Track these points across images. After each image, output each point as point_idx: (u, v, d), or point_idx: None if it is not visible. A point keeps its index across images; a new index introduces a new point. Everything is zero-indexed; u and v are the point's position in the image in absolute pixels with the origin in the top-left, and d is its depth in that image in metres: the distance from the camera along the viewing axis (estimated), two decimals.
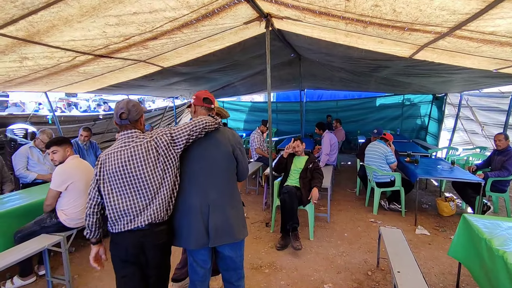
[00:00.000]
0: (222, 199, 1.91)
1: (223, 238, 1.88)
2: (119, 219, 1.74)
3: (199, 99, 2.05)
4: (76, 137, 4.58)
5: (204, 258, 1.94)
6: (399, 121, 9.60)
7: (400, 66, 4.48)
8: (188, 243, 1.85)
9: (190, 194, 1.86)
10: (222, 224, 1.87)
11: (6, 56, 2.76)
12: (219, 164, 1.93)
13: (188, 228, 1.84)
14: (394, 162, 4.58)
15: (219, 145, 1.94)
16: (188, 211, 1.85)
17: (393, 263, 2.27)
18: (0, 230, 2.72)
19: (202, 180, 1.88)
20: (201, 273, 1.96)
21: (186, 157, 1.88)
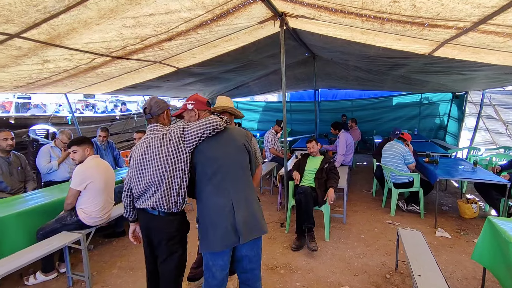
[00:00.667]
0: (243, 194, 1.90)
1: (253, 232, 1.86)
2: (137, 198, 2.04)
3: (201, 103, 2.02)
4: (95, 137, 4.69)
5: (224, 262, 1.89)
6: (417, 121, 9.34)
7: (419, 63, 4.36)
8: (215, 245, 1.81)
9: (212, 194, 1.85)
10: (249, 218, 1.86)
11: (29, 59, 2.86)
12: (234, 160, 1.93)
13: (214, 229, 1.81)
14: (413, 163, 4.46)
15: (231, 141, 1.96)
16: (212, 212, 1.83)
17: (413, 266, 2.20)
18: (24, 227, 2.82)
19: (221, 179, 1.87)
20: (220, 278, 1.91)
21: (202, 159, 1.88)
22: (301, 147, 6.74)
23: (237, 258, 1.97)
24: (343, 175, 4.32)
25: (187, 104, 2.01)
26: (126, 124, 7.46)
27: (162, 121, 2.03)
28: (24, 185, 3.68)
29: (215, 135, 1.92)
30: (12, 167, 3.53)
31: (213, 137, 1.91)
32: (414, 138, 7.35)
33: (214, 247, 1.82)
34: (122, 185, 3.98)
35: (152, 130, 1.98)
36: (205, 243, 1.85)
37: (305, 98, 10.86)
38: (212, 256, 1.87)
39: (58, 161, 3.96)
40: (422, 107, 9.23)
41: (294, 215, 3.98)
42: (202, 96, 2.07)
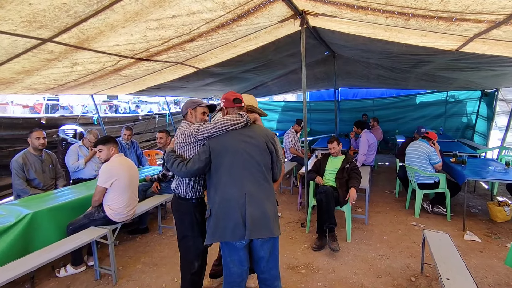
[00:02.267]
0: (258, 191, 1.92)
1: (261, 231, 1.85)
2: None
3: (229, 101, 2.11)
4: (119, 137, 4.85)
5: (240, 258, 1.90)
6: (442, 120, 8.99)
7: (445, 60, 4.19)
8: (224, 235, 1.84)
9: (227, 185, 1.90)
10: (259, 216, 1.86)
11: (60, 62, 3.00)
12: (254, 157, 1.95)
13: (225, 219, 1.85)
14: (439, 162, 4.29)
15: (253, 139, 1.99)
16: (226, 202, 1.87)
17: (441, 270, 2.12)
18: (55, 222, 2.96)
19: (238, 171, 1.91)
20: (237, 273, 1.92)
21: (221, 150, 1.94)
22: (321, 147, 6.67)
23: (254, 259, 2.00)
24: (365, 175, 4.23)
25: (220, 103, 2.16)
26: (148, 124, 7.66)
27: (189, 119, 2.31)
28: (55, 182, 3.87)
29: (239, 130, 1.99)
30: (44, 165, 3.72)
31: (237, 132, 1.98)
32: (440, 138, 7.06)
33: (226, 237, 1.85)
34: (146, 183, 4.12)
35: (180, 126, 2.26)
36: (217, 232, 1.87)
37: (325, 97, 10.72)
38: (229, 251, 1.91)
39: (84, 160, 4.13)
40: (448, 105, 8.87)
41: (314, 215, 3.95)
42: (232, 93, 2.14)
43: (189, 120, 2.33)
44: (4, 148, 4.38)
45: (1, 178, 4.34)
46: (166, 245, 3.60)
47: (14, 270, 2.21)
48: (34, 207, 2.88)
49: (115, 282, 2.85)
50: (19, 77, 3.16)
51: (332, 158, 3.96)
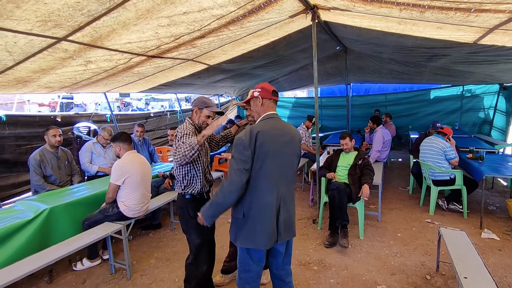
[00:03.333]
0: (288, 194, 1.90)
1: (288, 234, 1.89)
2: None
3: (267, 91, 1.95)
4: (132, 134, 4.91)
5: (261, 256, 1.89)
6: (458, 115, 8.74)
7: (461, 53, 4.06)
8: (262, 243, 1.81)
9: (267, 191, 1.81)
10: (288, 219, 1.88)
11: (74, 61, 3.05)
12: (290, 160, 1.91)
13: (263, 226, 1.80)
14: (456, 158, 4.17)
15: (293, 142, 1.92)
16: (264, 208, 1.81)
17: (458, 268, 2.06)
18: (71, 217, 3.03)
19: (276, 176, 1.83)
20: (256, 271, 1.92)
21: (263, 153, 1.78)
22: (332, 143, 6.60)
23: (271, 255, 1.99)
24: (378, 171, 4.16)
25: (254, 92, 1.99)
26: (160, 121, 7.74)
27: (193, 117, 2.38)
28: (70, 178, 3.96)
29: (281, 133, 1.87)
30: (60, 162, 3.80)
31: (279, 135, 1.85)
32: (455, 133, 6.88)
33: (261, 245, 1.82)
34: (158, 179, 4.17)
35: (183, 125, 2.34)
36: (252, 239, 1.82)
37: (336, 93, 10.59)
38: (251, 252, 1.87)
39: (99, 169, 4.19)
40: (464, 100, 8.61)
41: (326, 212, 3.92)
42: (270, 85, 2.01)
43: (193, 118, 2.37)
44: (22, 145, 4.50)
45: (20, 174, 4.46)
46: (179, 240, 3.64)
47: (33, 263, 2.27)
48: (51, 203, 2.95)
49: (129, 276, 2.90)
50: (35, 76, 3.23)
51: (344, 154, 3.91)
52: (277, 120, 1.94)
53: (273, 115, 1.94)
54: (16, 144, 4.43)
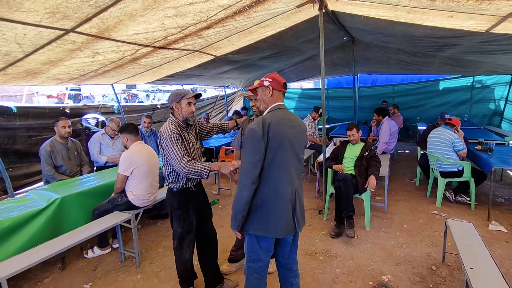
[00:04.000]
0: (300, 185, 1.94)
1: (301, 223, 1.92)
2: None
3: (278, 83, 1.94)
4: (139, 125, 4.96)
5: (270, 246, 1.92)
6: (467, 106, 8.59)
7: (473, 42, 3.97)
8: (279, 231, 1.84)
9: (281, 180, 1.83)
10: (301, 210, 1.92)
11: (82, 52, 3.07)
12: (300, 151, 1.93)
13: (279, 215, 1.83)
14: (464, 149, 4.13)
15: (302, 133, 1.95)
16: (279, 198, 1.82)
17: (464, 259, 2.07)
18: (81, 206, 3.11)
19: (289, 167, 1.85)
20: (264, 260, 1.95)
21: (276, 144, 1.79)
22: (339, 135, 6.57)
23: (279, 244, 2.01)
24: (385, 162, 4.14)
25: (264, 81, 1.95)
26: (167, 113, 7.79)
27: (175, 114, 2.34)
28: (80, 168, 4.04)
29: (291, 124, 1.87)
30: (70, 152, 3.87)
31: (289, 125, 1.86)
32: (464, 125, 6.79)
33: (278, 233, 1.85)
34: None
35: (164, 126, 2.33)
36: (267, 227, 1.83)
37: (343, 84, 10.48)
38: (260, 240, 1.89)
39: (107, 159, 4.26)
40: (474, 91, 8.45)
41: (332, 203, 3.94)
42: (280, 76, 2.00)
43: (175, 115, 2.32)
44: (32, 136, 4.59)
45: (31, 164, 4.57)
46: None
47: (46, 250, 2.35)
48: (62, 192, 3.02)
49: (138, 264, 2.97)
50: (45, 68, 3.27)
51: (351, 145, 3.90)
52: (286, 111, 1.95)
53: (282, 106, 1.95)
54: (27, 135, 4.52)
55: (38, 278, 2.82)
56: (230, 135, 7.13)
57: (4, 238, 2.49)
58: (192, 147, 2.38)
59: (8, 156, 4.21)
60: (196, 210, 2.43)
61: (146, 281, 2.74)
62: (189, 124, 2.40)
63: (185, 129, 2.36)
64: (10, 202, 2.99)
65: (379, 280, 2.64)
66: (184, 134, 2.32)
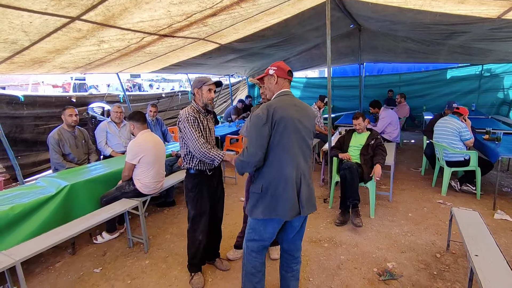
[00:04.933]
0: (307, 170, 1.95)
1: (310, 208, 1.92)
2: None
3: (283, 70, 1.98)
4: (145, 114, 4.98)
5: (274, 229, 1.95)
6: (475, 95, 8.46)
7: (483, 29, 3.88)
8: (285, 213, 1.85)
9: (287, 163, 1.85)
10: (309, 193, 1.92)
11: (88, 41, 3.06)
12: (308, 135, 1.94)
13: (285, 197, 1.85)
14: (471, 139, 4.09)
15: (309, 118, 1.96)
16: (285, 181, 1.85)
17: (469, 247, 2.08)
18: (90, 194, 3.16)
19: (295, 150, 1.88)
20: (263, 243, 1.99)
21: (281, 127, 1.83)
22: (344, 124, 6.54)
23: (284, 229, 2.03)
24: (390, 152, 4.13)
25: (270, 69, 2.00)
26: (172, 102, 7.79)
27: (196, 100, 2.45)
28: (87, 156, 4.08)
29: (297, 108, 1.90)
30: (77, 141, 3.92)
31: (295, 110, 1.88)
32: (472, 114, 6.70)
33: (284, 215, 1.86)
34: (172, 158, 4.26)
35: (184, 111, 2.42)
36: (274, 209, 1.86)
37: (348, 73, 10.37)
38: (266, 223, 1.92)
39: (112, 153, 4.29)
40: (482, 80, 8.31)
41: (337, 192, 3.96)
42: (285, 64, 2.03)
43: (196, 101, 2.44)
44: (40, 125, 4.63)
45: (39, 153, 4.63)
46: None
47: (57, 235, 2.41)
48: (71, 180, 3.07)
49: (146, 250, 3.04)
50: (51, 56, 3.28)
51: (357, 134, 3.88)
52: (292, 97, 1.98)
53: (288, 92, 1.98)
54: (35, 124, 4.56)
55: (50, 262, 2.90)
56: (235, 124, 7.14)
57: (17, 223, 2.55)
58: (208, 133, 2.47)
59: (16, 144, 4.26)
60: (210, 193, 2.50)
61: (154, 266, 2.80)
62: (208, 110, 2.50)
63: (204, 114, 2.46)
64: (21, 189, 3.05)
65: (383, 267, 2.67)
66: (201, 118, 2.42)
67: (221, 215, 2.72)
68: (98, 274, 2.72)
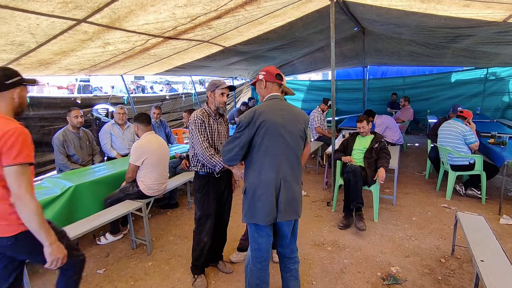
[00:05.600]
0: (291, 174, 1.93)
1: (290, 214, 1.92)
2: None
3: (271, 74, 2.01)
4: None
5: (268, 233, 1.96)
6: (480, 99, 8.40)
7: (488, 33, 3.87)
8: (261, 218, 1.87)
9: (265, 168, 1.88)
10: (290, 200, 1.91)
11: (93, 43, 3.09)
12: (294, 140, 1.93)
13: (263, 202, 1.87)
14: (476, 142, 4.06)
15: (296, 122, 1.95)
16: (264, 185, 1.87)
17: (475, 252, 2.06)
18: (94, 195, 3.17)
19: (278, 155, 1.89)
20: (265, 248, 1.98)
21: (263, 131, 1.86)
22: (347, 127, 6.52)
23: (278, 236, 2.06)
24: (394, 155, 4.11)
25: (259, 74, 2.06)
26: (175, 104, 7.82)
27: (209, 103, 2.48)
28: (92, 158, 4.11)
29: (280, 112, 1.91)
30: (82, 142, 3.94)
31: (279, 114, 1.90)
32: (477, 118, 6.67)
33: (260, 220, 1.88)
34: (175, 160, 4.27)
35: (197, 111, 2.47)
36: (253, 214, 1.91)
37: (352, 76, 10.34)
38: (257, 227, 1.95)
39: (116, 155, 4.30)
40: (487, 83, 8.25)
41: (340, 195, 3.94)
42: (274, 68, 2.06)
43: (208, 104, 2.48)
44: (45, 126, 4.67)
45: (44, 154, 4.66)
46: None
47: None
48: (75, 181, 3.09)
49: (149, 251, 3.04)
50: (57, 58, 3.31)
51: (360, 137, 3.87)
52: (280, 101, 2.00)
53: (276, 96, 2.01)
54: (40, 125, 4.60)
55: None
56: (233, 128, 7.14)
57: None
58: (216, 137, 2.48)
59: None
60: (216, 196, 2.52)
61: (157, 268, 2.80)
62: (220, 114, 2.52)
63: (214, 117, 2.47)
64: None
65: (387, 271, 2.65)
66: (210, 122, 2.44)
67: (227, 218, 2.72)
68: (101, 275, 2.72)
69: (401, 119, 7.10)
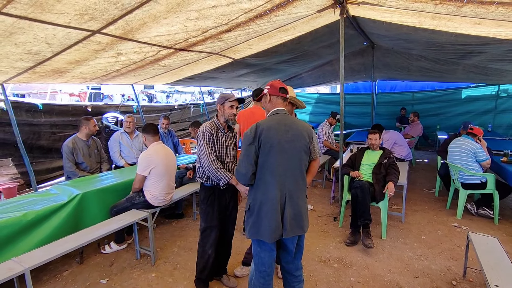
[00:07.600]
0: (296, 190, 1.92)
1: (295, 230, 1.90)
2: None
3: (275, 88, 2.03)
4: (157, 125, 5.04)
5: (271, 248, 1.94)
6: (491, 116, 8.28)
7: (500, 50, 3.84)
8: (267, 236, 1.86)
9: (270, 184, 1.87)
10: (295, 216, 1.89)
11: (106, 53, 3.16)
12: (296, 156, 1.92)
13: (268, 219, 1.85)
14: (487, 160, 3.96)
15: (300, 137, 1.94)
16: (269, 202, 1.86)
17: (489, 275, 1.98)
18: (100, 203, 3.18)
19: (282, 171, 1.88)
20: (268, 263, 1.96)
21: (267, 148, 1.86)
22: (355, 141, 6.47)
23: (283, 251, 2.03)
24: (403, 171, 4.04)
25: (264, 89, 2.10)
26: (184, 114, 7.90)
27: (219, 116, 2.50)
28: (99, 166, 4.14)
29: (284, 127, 1.91)
30: (90, 150, 3.98)
31: (283, 129, 1.90)
32: (488, 135, 6.55)
33: (265, 238, 1.87)
34: (182, 170, 4.27)
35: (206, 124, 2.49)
36: (258, 231, 1.90)
37: (361, 90, 10.34)
38: (260, 242, 1.94)
39: (124, 164, 4.35)
40: (499, 100, 8.14)
41: (347, 210, 3.87)
42: (278, 82, 2.08)
43: (218, 117, 2.49)
44: (56, 132, 4.75)
45: (54, 160, 4.72)
46: None
47: (67, 244, 2.41)
48: (83, 188, 3.11)
49: (153, 262, 3.01)
50: (70, 67, 3.39)
51: (369, 152, 3.82)
52: (284, 115, 1.99)
53: (281, 111, 2.00)
54: (51, 132, 4.68)
55: (58, 270, 2.90)
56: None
57: (29, 230, 2.58)
58: (224, 150, 2.48)
59: (32, 151, 4.37)
60: (220, 208, 2.50)
61: (161, 280, 2.76)
62: (229, 126, 2.54)
63: (222, 130, 2.48)
64: (35, 195, 3.10)
65: None
66: (219, 135, 2.45)
67: (232, 231, 2.69)
68: (104, 285, 2.69)
69: (410, 135, 7.01)
